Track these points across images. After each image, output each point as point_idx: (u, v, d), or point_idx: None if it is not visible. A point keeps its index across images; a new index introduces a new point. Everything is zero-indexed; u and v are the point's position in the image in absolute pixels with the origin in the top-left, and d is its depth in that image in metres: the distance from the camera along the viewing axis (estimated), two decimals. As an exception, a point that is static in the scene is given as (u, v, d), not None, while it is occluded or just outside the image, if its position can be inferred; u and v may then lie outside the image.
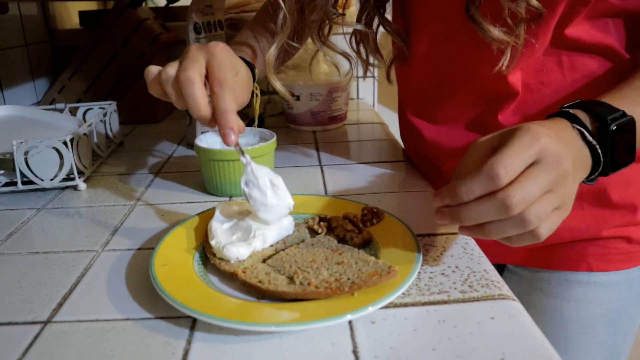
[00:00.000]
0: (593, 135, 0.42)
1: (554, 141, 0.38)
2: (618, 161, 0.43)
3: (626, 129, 0.43)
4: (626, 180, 0.59)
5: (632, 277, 0.63)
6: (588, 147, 0.42)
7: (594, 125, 0.43)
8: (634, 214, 0.60)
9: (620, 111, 0.43)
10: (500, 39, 0.50)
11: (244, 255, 0.44)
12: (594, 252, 0.61)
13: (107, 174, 0.77)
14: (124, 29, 1.04)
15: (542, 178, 0.37)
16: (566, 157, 0.38)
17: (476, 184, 0.37)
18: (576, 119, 0.43)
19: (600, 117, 0.43)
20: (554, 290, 0.64)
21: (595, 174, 0.44)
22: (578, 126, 0.43)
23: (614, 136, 0.42)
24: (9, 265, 0.50)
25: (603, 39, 0.53)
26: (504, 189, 0.37)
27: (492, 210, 0.37)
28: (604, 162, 0.43)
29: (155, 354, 0.36)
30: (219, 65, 0.49)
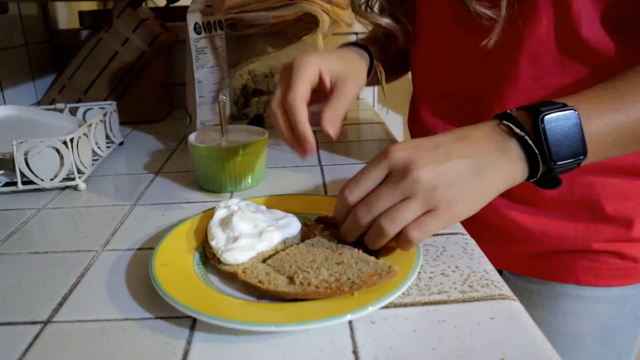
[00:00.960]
0: (523, 128, 0.43)
1: (407, 153, 0.42)
2: (558, 153, 0.43)
3: (563, 118, 0.43)
4: (623, 194, 0.58)
5: (626, 295, 0.62)
6: (518, 141, 0.43)
7: (528, 119, 0.43)
8: (628, 230, 0.59)
9: (560, 103, 0.43)
10: (481, 13, 0.52)
11: (242, 260, 0.44)
12: (582, 265, 0.61)
13: (107, 174, 0.77)
14: (124, 29, 1.04)
15: (386, 189, 0.41)
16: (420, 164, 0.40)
17: (337, 207, 0.45)
18: (507, 116, 0.44)
19: (534, 110, 0.43)
20: (544, 303, 0.64)
21: (538, 169, 0.43)
22: (506, 121, 0.44)
23: (547, 125, 0.42)
24: (9, 265, 0.50)
25: (605, 41, 0.52)
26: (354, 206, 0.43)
27: (350, 226, 0.44)
28: (541, 154, 0.42)
29: (155, 354, 0.36)
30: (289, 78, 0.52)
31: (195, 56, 0.80)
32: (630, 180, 0.57)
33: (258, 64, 1.06)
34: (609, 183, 0.57)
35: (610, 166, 0.57)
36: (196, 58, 0.81)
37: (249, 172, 0.66)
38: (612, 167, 0.57)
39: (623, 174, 0.57)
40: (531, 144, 0.42)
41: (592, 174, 0.57)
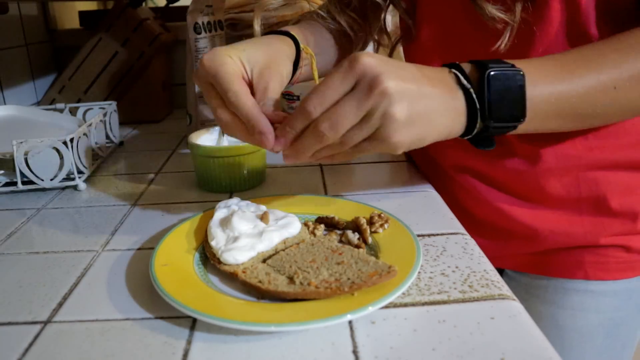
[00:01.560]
0: (470, 80, 0.43)
1: (378, 63, 0.40)
2: (497, 111, 0.43)
3: (509, 78, 0.42)
4: (627, 188, 0.58)
5: (631, 287, 0.62)
6: (463, 92, 0.43)
7: (476, 73, 0.43)
8: (634, 223, 0.59)
9: (510, 64, 0.43)
10: (496, 17, 0.51)
11: (242, 260, 0.44)
12: (591, 260, 0.61)
13: (107, 174, 0.77)
14: (124, 29, 1.04)
15: (353, 102, 0.40)
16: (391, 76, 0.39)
17: (296, 121, 0.43)
18: (456, 66, 0.44)
19: (483, 65, 0.43)
20: (551, 298, 0.64)
21: (475, 125, 0.43)
22: (455, 70, 0.44)
23: (491, 81, 0.42)
24: (9, 265, 0.50)
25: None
26: (316, 118, 0.41)
27: (310, 141, 0.42)
28: (481, 108, 0.43)
29: (155, 354, 0.36)
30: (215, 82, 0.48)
31: (195, 56, 0.80)
32: (635, 174, 0.58)
33: (258, 64, 1.06)
34: (614, 178, 0.58)
35: (616, 161, 0.57)
36: (196, 58, 0.81)
37: (249, 172, 0.66)
38: (618, 162, 0.57)
39: (628, 169, 0.57)
40: (474, 97, 0.43)
41: (598, 169, 0.57)
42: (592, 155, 0.57)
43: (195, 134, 0.69)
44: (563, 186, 0.59)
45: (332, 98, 0.41)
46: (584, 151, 0.57)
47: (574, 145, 0.57)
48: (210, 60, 0.49)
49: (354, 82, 0.40)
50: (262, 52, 0.53)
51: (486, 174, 0.63)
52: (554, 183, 0.59)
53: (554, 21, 0.52)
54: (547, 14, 0.51)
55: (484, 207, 0.64)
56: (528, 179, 0.60)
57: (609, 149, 0.57)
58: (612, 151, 0.57)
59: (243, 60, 0.50)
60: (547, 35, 0.52)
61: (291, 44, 0.59)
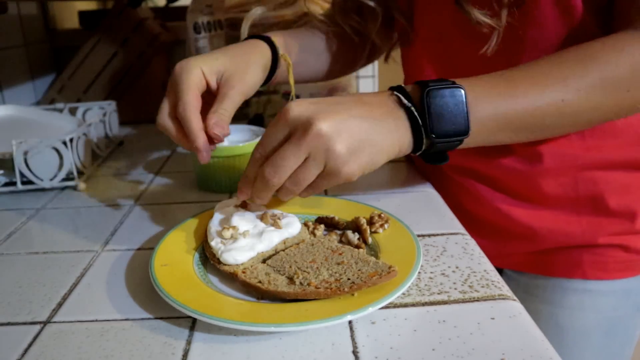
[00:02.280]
0: (410, 99, 0.45)
1: (306, 107, 0.42)
2: (439, 127, 0.44)
3: (449, 94, 0.44)
4: (624, 187, 0.58)
5: (629, 287, 0.62)
6: (405, 111, 0.45)
7: (417, 92, 0.45)
8: (632, 222, 0.59)
9: (450, 81, 0.45)
10: (481, 21, 0.52)
11: (242, 261, 0.44)
12: (589, 260, 0.61)
13: (107, 174, 0.77)
14: (123, 29, 1.04)
15: (291, 147, 0.42)
16: (321, 117, 0.41)
17: (248, 169, 0.47)
18: (398, 88, 0.46)
19: (424, 84, 0.45)
20: (550, 297, 0.64)
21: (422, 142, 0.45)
22: (396, 92, 0.46)
23: (431, 99, 0.44)
24: (9, 265, 0.50)
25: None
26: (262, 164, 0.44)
27: (260, 186, 0.45)
28: (424, 125, 0.44)
29: (155, 354, 0.36)
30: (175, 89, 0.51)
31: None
32: (632, 173, 0.58)
33: (258, 64, 1.06)
34: (612, 177, 0.58)
35: (614, 161, 0.57)
36: (196, 58, 0.81)
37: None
38: (615, 162, 0.57)
39: (625, 168, 0.58)
40: (416, 115, 0.44)
41: (596, 169, 0.58)
42: (590, 155, 0.57)
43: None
44: (561, 186, 0.59)
45: (271, 145, 0.44)
46: (581, 151, 0.57)
47: (571, 145, 0.57)
48: (180, 68, 0.52)
49: (287, 130, 0.43)
50: (232, 61, 0.55)
51: (485, 174, 0.63)
52: (551, 183, 0.59)
53: (546, 26, 0.52)
54: (539, 19, 0.52)
55: (483, 207, 0.64)
56: (526, 179, 0.60)
57: (606, 148, 0.57)
58: (609, 151, 0.57)
59: (214, 71, 0.53)
60: (540, 39, 0.53)
61: (267, 51, 0.61)
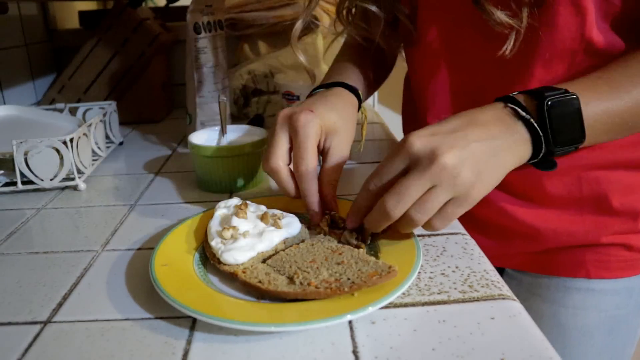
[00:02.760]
0: (528, 111, 0.44)
1: (427, 140, 0.42)
2: (560, 137, 0.44)
3: (566, 104, 0.44)
4: (628, 187, 0.58)
5: (632, 285, 0.62)
6: (524, 123, 0.44)
7: (532, 102, 0.45)
8: (635, 221, 0.59)
9: (562, 89, 0.45)
10: (503, 22, 0.51)
11: (242, 261, 0.44)
12: (592, 259, 0.61)
13: (107, 174, 0.77)
14: (124, 29, 1.04)
15: (414, 178, 0.41)
16: (444, 150, 0.41)
17: (360, 199, 0.46)
18: (510, 99, 0.45)
19: (538, 94, 0.44)
20: (552, 296, 0.64)
21: (540, 151, 0.45)
22: (511, 104, 0.45)
23: (551, 110, 0.44)
24: (9, 265, 0.50)
25: (616, 43, 0.52)
26: (383, 197, 0.43)
27: (378, 217, 0.44)
28: (544, 136, 0.44)
29: (155, 354, 0.36)
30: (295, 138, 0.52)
31: (195, 56, 0.80)
32: (636, 173, 0.58)
33: (258, 64, 1.06)
34: (615, 177, 0.58)
35: (617, 161, 0.57)
36: (196, 58, 0.81)
37: (248, 172, 0.66)
38: (618, 162, 0.57)
39: (628, 168, 0.58)
40: (536, 126, 0.44)
41: (599, 169, 0.58)
42: (593, 154, 0.57)
43: (195, 134, 0.69)
44: (564, 186, 0.59)
45: (388, 177, 0.44)
46: (585, 151, 0.57)
47: None
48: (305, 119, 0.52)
49: (407, 163, 0.43)
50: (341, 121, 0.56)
51: None
52: (555, 182, 0.59)
53: (561, 27, 0.52)
54: (554, 20, 0.51)
55: (486, 207, 0.64)
56: (530, 179, 0.60)
57: (609, 148, 0.57)
58: (612, 151, 0.57)
59: (327, 128, 0.54)
60: (553, 40, 0.52)
61: (356, 105, 0.63)
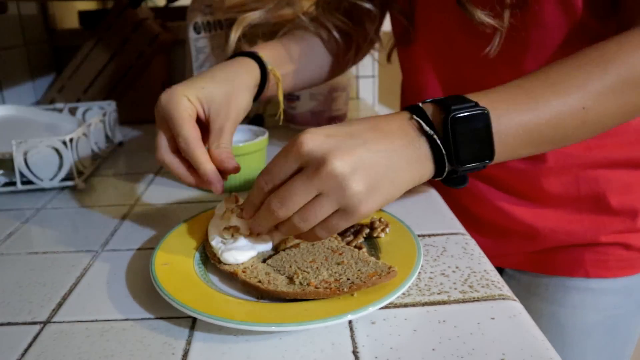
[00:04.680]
0: (433, 125, 0.40)
1: (320, 143, 0.38)
2: (464, 155, 0.40)
3: (473, 119, 0.40)
4: (626, 186, 0.58)
5: (631, 284, 0.62)
6: (427, 138, 0.40)
7: (440, 116, 0.41)
8: (633, 221, 0.59)
9: (473, 102, 0.41)
10: (484, 22, 0.51)
11: (242, 260, 0.44)
12: (591, 258, 0.61)
13: (106, 174, 0.77)
14: (123, 29, 1.04)
15: (301, 182, 0.38)
16: (336, 155, 0.37)
17: (252, 195, 0.43)
18: (417, 110, 0.42)
19: (446, 107, 0.40)
20: (551, 296, 0.64)
21: (444, 169, 0.41)
22: (417, 117, 0.41)
23: (455, 126, 0.40)
24: (9, 265, 0.50)
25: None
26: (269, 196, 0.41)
27: (264, 216, 0.41)
28: (447, 154, 0.40)
29: (155, 354, 0.36)
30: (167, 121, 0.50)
31: (195, 56, 0.80)
32: (634, 172, 0.58)
33: (258, 64, 1.06)
34: (614, 176, 0.58)
35: (616, 160, 0.57)
36: (196, 58, 0.81)
37: (249, 172, 0.66)
38: (617, 161, 0.57)
39: (627, 167, 0.58)
40: (439, 144, 0.40)
41: (598, 168, 0.58)
42: (591, 154, 0.57)
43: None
44: (563, 185, 0.59)
45: (278, 176, 0.41)
46: (583, 150, 0.57)
47: (573, 144, 0.57)
48: (166, 100, 0.50)
49: (298, 163, 0.39)
50: (220, 89, 0.53)
51: (487, 174, 0.63)
52: (554, 182, 0.59)
53: (550, 25, 0.52)
54: (542, 19, 0.52)
55: (485, 206, 0.64)
56: (528, 178, 0.60)
57: (607, 147, 0.57)
58: (611, 150, 0.57)
59: (201, 99, 0.51)
60: (543, 39, 0.53)
61: (255, 68, 0.59)
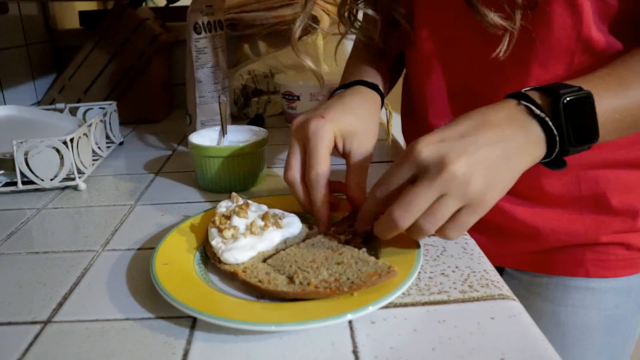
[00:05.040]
0: (542, 109, 0.42)
1: (435, 148, 0.40)
2: (576, 135, 0.43)
3: (581, 102, 0.43)
4: (627, 186, 0.58)
5: (630, 284, 0.62)
6: (538, 122, 0.42)
7: (546, 100, 0.43)
8: (634, 220, 0.59)
9: (576, 87, 0.43)
10: (496, 24, 0.51)
11: (242, 260, 0.44)
12: (592, 258, 0.61)
13: (107, 174, 0.77)
14: (124, 29, 1.04)
15: (422, 188, 0.40)
16: (452, 158, 0.39)
17: (366, 206, 0.46)
18: (524, 96, 0.43)
19: (552, 92, 0.43)
20: (552, 295, 0.64)
21: (554, 151, 0.43)
22: (525, 102, 0.43)
23: (567, 108, 0.42)
24: (9, 265, 0.50)
25: (614, 43, 0.52)
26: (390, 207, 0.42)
27: (386, 226, 0.43)
28: (560, 135, 0.42)
29: (155, 354, 0.36)
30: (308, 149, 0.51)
31: (195, 56, 0.80)
32: (634, 172, 0.58)
33: (258, 64, 1.06)
34: (614, 176, 0.58)
35: (616, 160, 0.57)
36: (196, 58, 0.81)
37: (249, 172, 0.66)
38: (617, 161, 0.57)
39: (627, 167, 0.58)
40: (551, 126, 0.42)
41: (598, 168, 0.58)
42: (592, 154, 0.57)
43: (195, 134, 0.69)
44: (564, 185, 0.59)
45: (395, 185, 0.43)
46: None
47: None
48: (316, 127, 0.51)
49: (414, 170, 0.41)
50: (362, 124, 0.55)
51: None
52: (554, 182, 0.59)
53: (556, 27, 0.52)
54: (549, 20, 0.51)
55: None
56: (529, 178, 0.60)
57: (608, 147, 0.57)
58: (611, 150, 0.57)
59: (344, 135, 0.53)
60: (549, 40, 0.52)
61: (379, 101, 0.63)
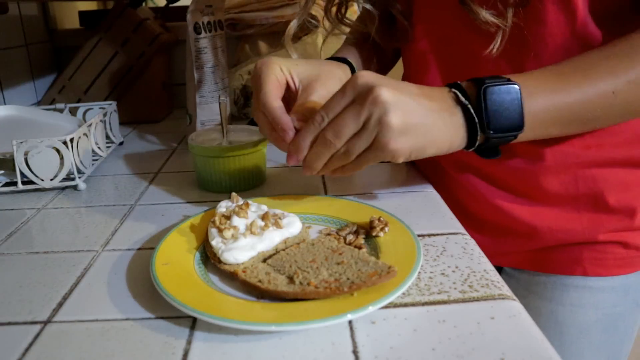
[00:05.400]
0: (468, 96, 0.46)
1: (375, 77, 0.44)
2: (495, 123, 0.46)
3: (505, 91, 0.45)
4: (624, 184, 0.58)
5: (628, 282, 0.62)
6: (462, 109, 0.46)
7: (474, 89, 0.46)
8: (631, 219, 0.59)
9: (505, 78, 0.46)
10: (489, 22, 0.52)
11: (242, 260, 0.44)
12: (589, 257, 0.61)
13: (107, 174, 0.77)
14: (124, 29, 1.04)
15: (351, 110, 0.44)
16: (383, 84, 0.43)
17: (307, 131, 0.47)
18: (456, 85, 0.47)
19: (479, 81, 0.46)
20: (550, 294, 0.64)
21: (476, 138, 0.46)
22: (454, 89, 0.47)
23: (487, 96, 0.45)
24: (9, 265, 0.50)
25: (611, 39, 0.52)
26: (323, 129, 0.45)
27: (320, 149, 0.46)
28: (480, 121, 0.46)
29: (155, 354, 0.36)
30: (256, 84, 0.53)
31: (195, 56, 0.80)
32: (632, 170, 0.58)
33: (258, 64, 1.06)
34: (612, 175, 0.58)
35: (614, 159, 0.57)
36: (196, 58, 0.81)
37: (249, 172, 0.66)
38: (614, 160, 0.58)
39: (625, 166, 0.58)
40: (472, 111, 0.46)
41: (596, 167, 0.58)
42: (590, 153, 0.57)
43: (195, 134, 0.69)
44: (561, 184, 0.59)
45: (335, 110, 0.45)
46: (581, 149, 0.57)
47: (571, 143, 0.57)
48: (262, 63, 0.54)
49: (353, 95, 0.44)
50: (314, 68, 0.57)
51: (485, 172, 0.63)
52: (552, 180, 0.59)
53: (550, 23, 0.52)
54: (542, 17, 0.52)
55: (483, 205, 0.64)
56: (527, 177, 0.60)
57: (605, 146, 0.57)
58: (608, 149, 0.57)
59: (292, 73, 0.55)
60: (543, 37, 0.53)
61: (347, 69, 0.64)
